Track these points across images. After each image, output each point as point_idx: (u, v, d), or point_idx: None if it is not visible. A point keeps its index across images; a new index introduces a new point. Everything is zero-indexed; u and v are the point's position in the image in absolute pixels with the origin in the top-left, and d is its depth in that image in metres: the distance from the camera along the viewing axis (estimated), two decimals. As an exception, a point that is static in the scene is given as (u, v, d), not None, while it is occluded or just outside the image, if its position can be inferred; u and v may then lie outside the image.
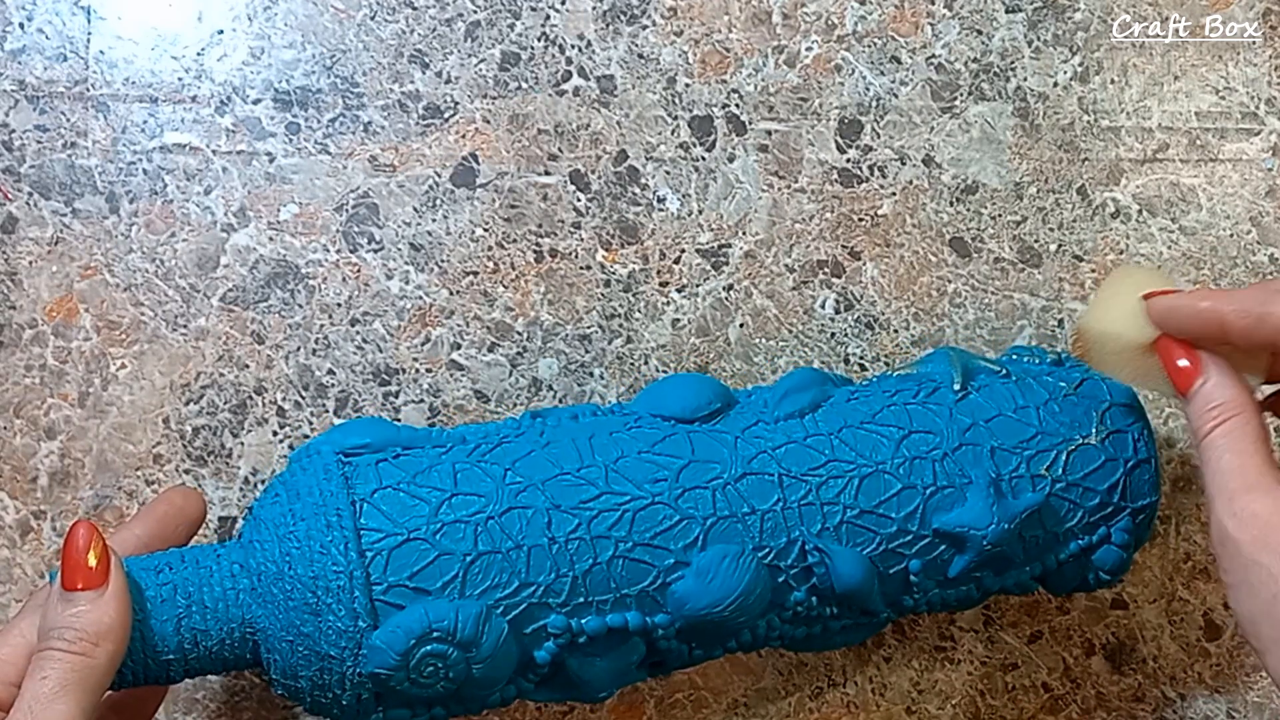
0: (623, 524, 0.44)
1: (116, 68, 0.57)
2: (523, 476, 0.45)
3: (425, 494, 0.44)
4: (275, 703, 0.56)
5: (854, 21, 0.59)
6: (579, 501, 0.44)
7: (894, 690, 0.57)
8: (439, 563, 0.43)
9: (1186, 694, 0.58)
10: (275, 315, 0.56)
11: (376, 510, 0.43)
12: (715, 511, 0.45)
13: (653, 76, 0.58)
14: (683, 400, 0.48)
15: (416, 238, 0.57)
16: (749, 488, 0.46)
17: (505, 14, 0.58)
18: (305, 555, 0.43)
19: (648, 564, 0.45)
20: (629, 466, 0.45)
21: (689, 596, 0.45)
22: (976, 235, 0.59)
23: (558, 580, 0.44)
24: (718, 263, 0.58)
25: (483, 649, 0.43)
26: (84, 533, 0.42)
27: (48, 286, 0.56)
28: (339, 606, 0.42)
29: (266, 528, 0.44)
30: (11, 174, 0.56)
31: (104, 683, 0.41)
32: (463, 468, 0.45)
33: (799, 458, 0.47)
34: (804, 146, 0.58)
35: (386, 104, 0.57)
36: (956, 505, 0.47)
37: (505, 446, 0.46)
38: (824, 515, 0.46)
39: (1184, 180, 0.59)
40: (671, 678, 0.57)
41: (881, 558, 0.47)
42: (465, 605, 0.43)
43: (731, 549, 0.45)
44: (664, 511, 0.45)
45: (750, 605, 0.46)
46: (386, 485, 0.44)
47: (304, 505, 0.44)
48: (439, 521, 0.43)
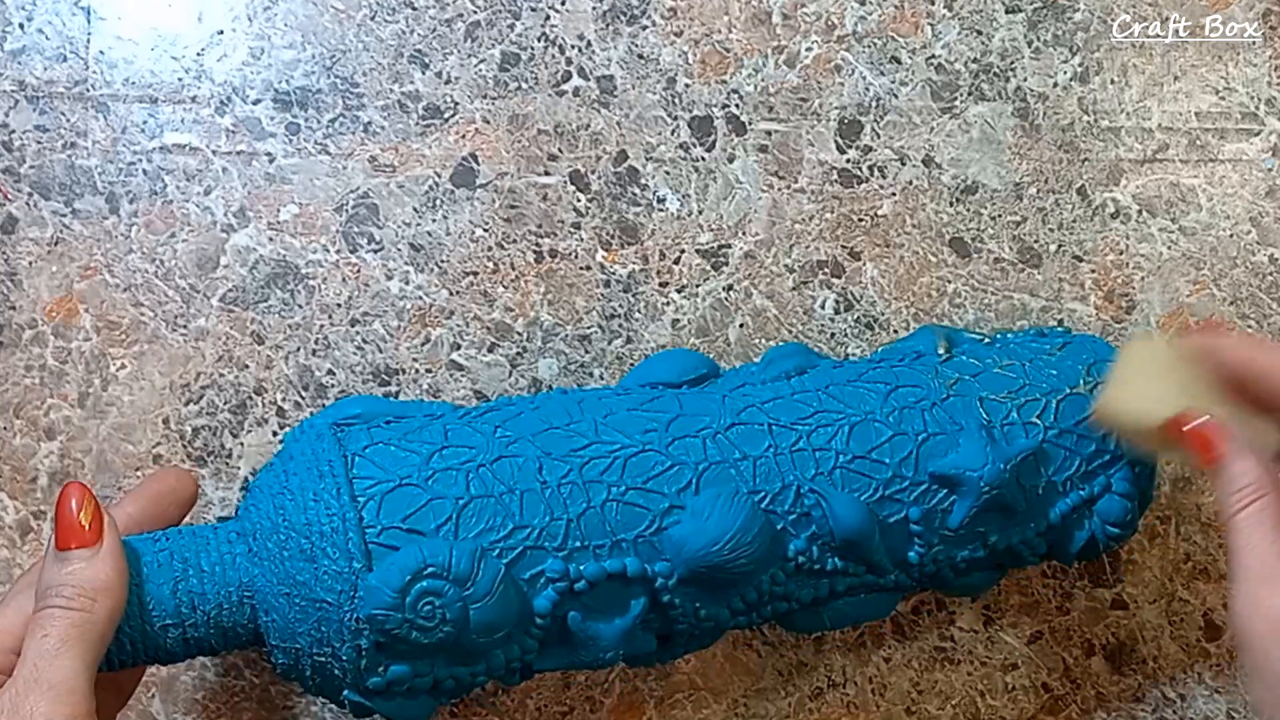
0: (614, 469, 0.45)
1: (116, 68, 0.57)
2: (513, 431, 0.46)
3: (416, 447, 0.45)
4: (275, 703, 0.56)
5: (854, 22, 0.59)
6: (570, 450, 0.45)
7: (894, 690, 0.57)
8: (431, 505, 0.43)
9: (1186, 694, 0.58)
10: (275, 315, 0.56)
11: (369, 462, 0.44)
12: (707, 457, 0.46)
13: (653, 77, 0.58)
14: (670, 368, 0.49)
15: (416, 238, 0.57)
16: (739, 436, 0.47)
17: (505, 14, 0.58)
18: (299, 504, 0.44)
19: (642, 508, 0.45)
20: (619, 420, 0.46)
21: (686, 538, 0.45)
22: (976, 236, 0.59)
23: (552, 523, 0.44)
24: (718, 263, 0.58)
25: (479, 586, 0.43)
26: (76, 493, 0.43)
27: (47, 287, 0.56)
28: (333, 550, 0.43)
29: (261, 491, 0.45)
30: (11, 174, 0.56)
31: (105, 638, 0.42)
32: (453, 427, 0.46)
33: (787, 409, 0.48)
34: (804, 147, 0.58)
35: (386, 104, 0.57)
36: (950, 451, 0.48)
37: (495, 412, 0.47)
38: (817, 461, 0.47)
39: (1184, 180, 0.59)
40: (671, 678, 0.57)
41: (879, 504, 0.47)
42: (459, 544, 0.43)
43: (725, 489, 0.46)
44: (655, 458, 0.45)
45: (749, 545, 0.45)
46: (378, 442, 0.45)
47: (297, 464, 0.45)
48: (430, 469, 0.44)
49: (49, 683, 0.40)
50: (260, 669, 0.56)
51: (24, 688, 0.40)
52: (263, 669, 0.56)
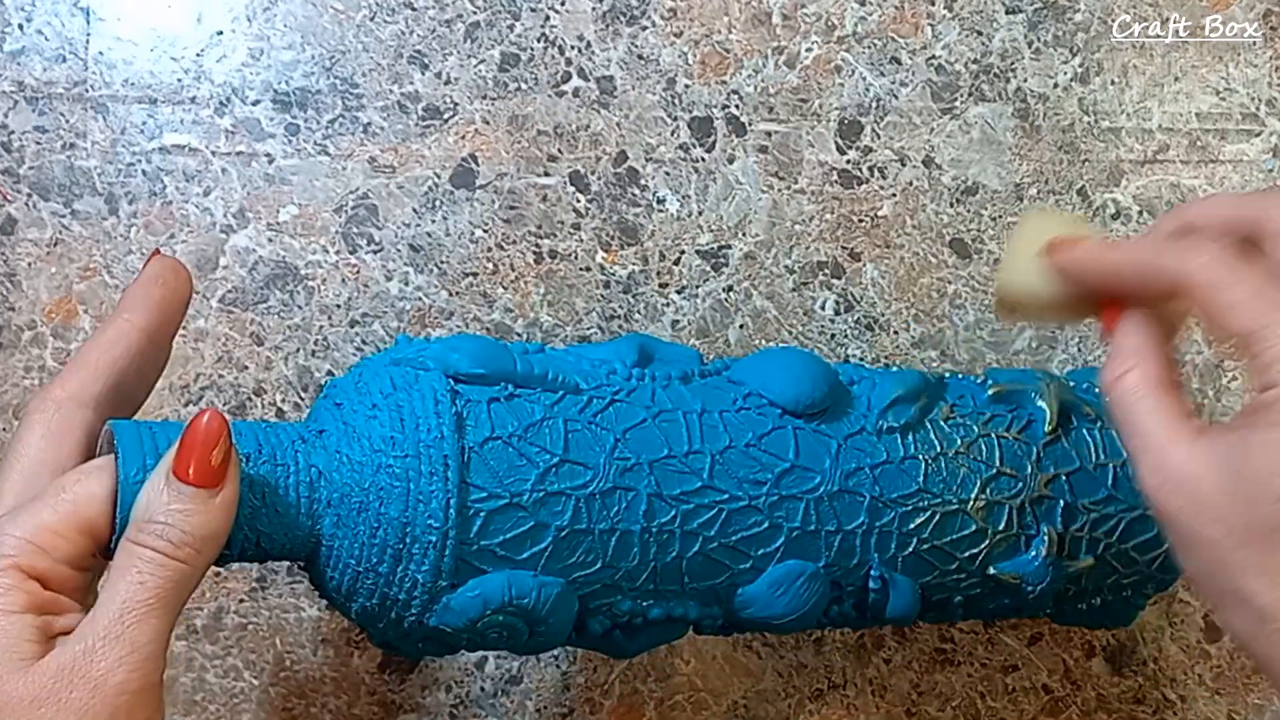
0: (714, 523, 0.44)
1: (116, 69, 0.57)
2: (632, 452, 0.43)
3: (534, 454, 0.42)
4: (275, 704, 0.56)
5: (854, 22, 0.59)
6: (680, 491, 0.43)
7: (894, 692, 0.57)
8: (533, 533, 0.41)
9: (1187, 696, 0.58)
10: (274, 316, 0.56)
11: (485, 465, 0.41)
12: (803, 525, 0.45)
13: (652, 77, 0.58)
14: (794, 388, 0.46)
15: (416, 239, 0.57)
16: (841, 506, 0.46)
17: (505, 15, 0.58)
18: (401, 496, 0.40)
19: (725, 565, 0.45)
20: (734, 460, 0.44)
21: (753, 602, 0.45)
22: (977, 236, 0.59)
23: (638, 567, 0.43)
24: (717, 264, 0.58)
25: (550, 625, 0.43)
26: (215, 425, 0.37)
27: (47, 288, 0.56)
28: (424, 560, 0.41)
29: (359, 445, 0.41)
30: (11, 175, 0.56)
31: (192, 592, 0.38)
32: (574, 428, 0.43)
33: (893, 481, 0.46)
34: (804, 147, 0.58)
35: (386, 105, 0.57)
36: (1017, 554, 0.48)
37: (618, 407, 0.44)
38: (898, 544, 0.46)
39: (1184, 181, 0.59)
40: (672, 679, 0.57)
41: (932, 589, 0.48)
42: (548, 583, 0.42)
43: (808, 568, 0.45)
44: (755, 517, 0.44)
45: (805, 619, 0.46)
46: (498, 435, 0.41)
47: (408, 438, 0.41)
48: (543, 490, 0.41)
49: (132, 643, 0.35)
50: (259, 670, 0.56)
51: (102, 643, 0.35)
52: (262, 670, 0.56)
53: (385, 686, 0.56)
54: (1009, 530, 0.47)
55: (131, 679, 0.35)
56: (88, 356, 0.41)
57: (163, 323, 0.43)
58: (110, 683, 0.35)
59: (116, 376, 0.41)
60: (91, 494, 0.37)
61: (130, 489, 0.37)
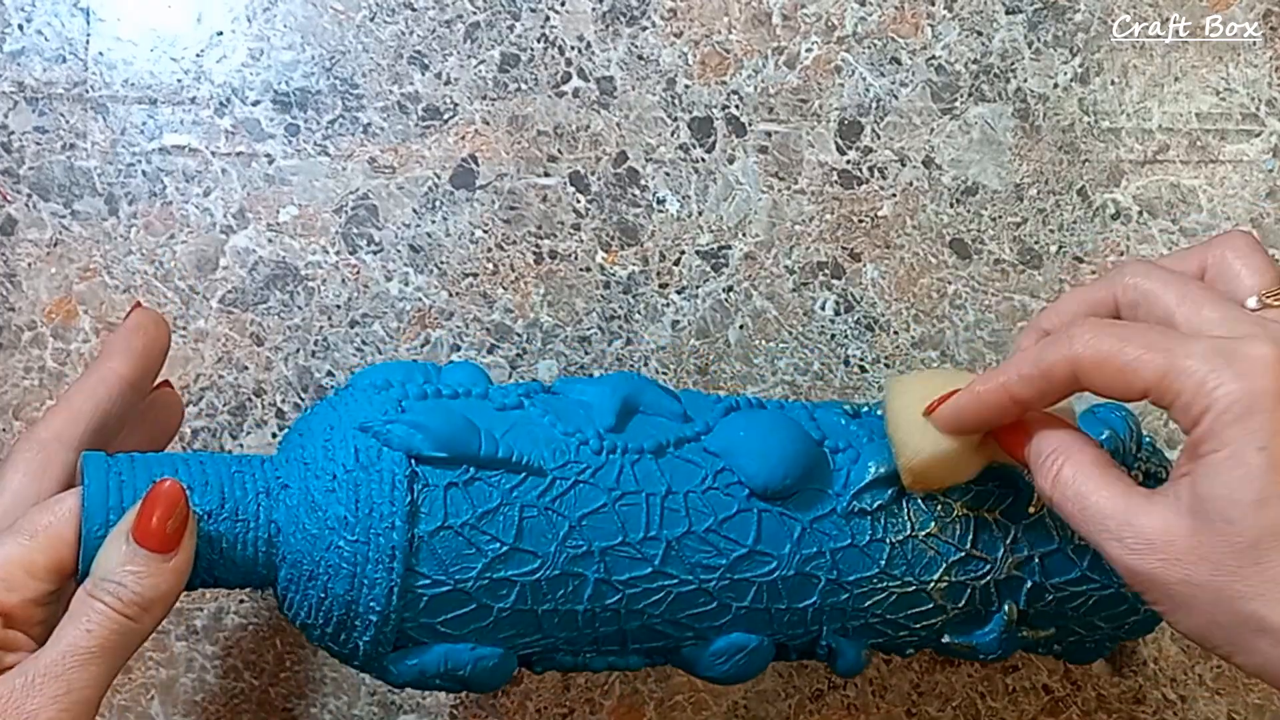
0: (661, 604, 0.44)
1: (115, 69, 0.57)
2: (584, 539, 0.43)
3: (484, 543, 0.42)
4: (274, 705, 0.56)
5: (854, 23, 0.59)
6: (629, 577, 0.44)
7: (894, 692, 0.57)
8: (475, 613, 0.43)
9: (1187, 696, 0.58)
10: (274, 317, 0.56)
11: (433, 555, 0.42)
12: (752, 604, 0.45)
13: (652, 78, 0.58)
14: (766, 473, 0.45)
15: (416, 239, 0.57)
16: (793, 587, 0.45)
17: (505, 15, 0.58)
18: (348, 577, 0.42)
19: (670, 635, 0.45)
20: (690, 546, 0.44)
21: (696, 664, 0.46)
22: (977, 237, 0.59)
23: (578, 636, 0.44)
24: (717, 264, 0.58)
25: (488, 684, 0.44)
26: (173, 494, 0.39)
27: (47, 288, 0.56)
28: (366, 632, 0.42)
29: (316, 516, 0.42)
30: (11, 176, 0.56)
31: (136, 648, 0.40)
32: (529, 514, 0.43)
33: (854, 564, 0.46)
34: (804, 148, 0.58)
35: (386, 105, 0.57)
36: (974, 626, 0.48)
37: (579, 489, 0.44)
38: (848, 617, 0.46)
39: (1184, 182, 0.59)
40: (671, 680, 0.57)
41: (883, 647, 0.48)
42: (485, 655, 0.43)
43: (751, 641, 0.46)
44: (704, 599, 0.45)
45: (747, 679, 0.47)
46: (449, 525, 0.42)
47: (360, 523, 0.41)
48: (488, 577, 0.42)
49: (69, 684, 0.38)
50: (259, 670, 0.56)
51: (41, 679, 0.37)
52: (262, 670, 0.56)
53: (385, 686, 0.56)
54: (968, 607, 0.47)
55: (61, 717, 0.37)
56: (71, 400, 0.44)
57: (143, 370, 0.45)
58: (41, 718, 0.37)
59: (99, 420, 0.44)
60: (62, 537, 0.40)
61: (93, 541, 0.40)
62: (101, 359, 0.45)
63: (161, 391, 0.48)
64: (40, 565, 0.39)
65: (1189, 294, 0.38)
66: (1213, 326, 0.37)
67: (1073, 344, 0.37)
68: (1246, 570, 0.34)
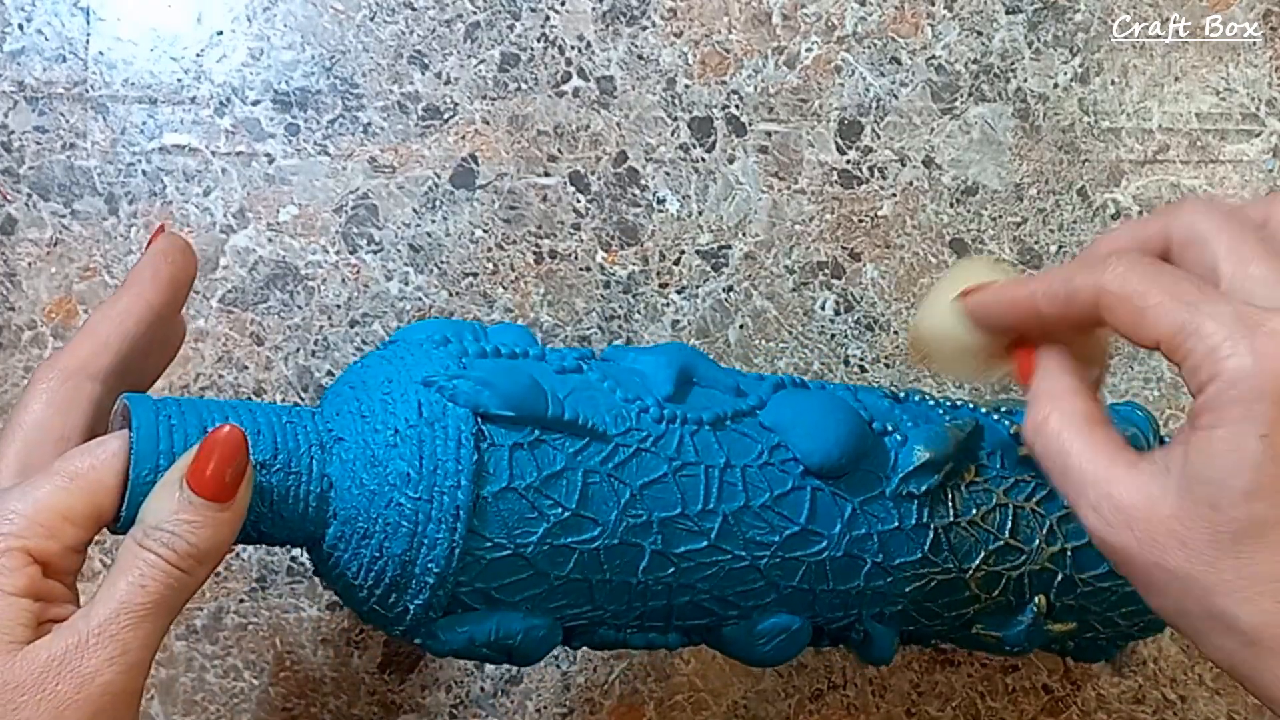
0: (711, 579, 0.44)
1: (116, 69, 0.57)
2: (645, 509, 0.42)
3: (547, 507, 0.41)
4: (275, 704, 0.56)
5: (854, 22, 0.59)
6: (685, 550, 0.43)
7: (894, 692, 0.57)
8: (531, 580, 0.42)
9: (1187, 696, 0.58)
10: (274, 316, 0.56)
11: (496, 516, 0.41)
12: (799, 584, 0.45)
13: (652, 77, 0.58)
14: (822, 450, 0.45)
15: (416, 239, 0.57)
16: (840, 568, 0.45)
17: (505, 15, 0.58)
18: (408, 535, 0.40)
19: (714, 612, 0.45)
20: (745, 522, 0.44)
21: (734, 643, 0.46)
22: (977, 237, 0.59)
23: (628, 609, 0.44)
24: (717, 264, 0.58)
25: (532, 655, 0.43)
26: (234, 440, 0.37)
27: (47, 288, 0.56)
28: (419, 595, 0.41)
29: (375, 472, 0.40)
30: (11, 175, 0.56)
31: (185, 604, 0.37)
32: (593, 480, 0.42)
33: (899, 548, 0.46)
34: (804, 148, 0.58)
35: (386, 105, 0.57)
36: (1005, 616, 0.48)
37: (641, 458, 0.43)
38: (887, 602, 0.46)
39: (1184, 182, 0.59)
40: (671, 679, 0.57)
41: (910, 634, 0.48)
42: (535, 625, 0.42)
43: (794, 623, 0.45)
44: (753, 575, 0.44)
45: (784, 661, 0.47)
46: (514, 487, 0.41)
47: (424, 480, 0.40)
48: (549, 544, 0.41)
49: (124, 645, 0.35)
50: (259, 670, 0.56)
51: (95, 640, 0.35)
52: (262, 670, 0.56)
53: (385, 686, 0.56)
54: (1002, 596, 0.47)
55: (117, 680, 0.35)
56: (97, 328, 0.41)
57: (171, 298, 0.42)
58: (97, 681, 0.35)
59: (125, 350, 0.41)
60: (104, 483, 0.37)
61: (141, 487, 0.37)
62: (128, 286, 0.42)
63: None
64: (80, 511, 0.36)
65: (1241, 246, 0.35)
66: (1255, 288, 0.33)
67: (1104, 273, 0.35)
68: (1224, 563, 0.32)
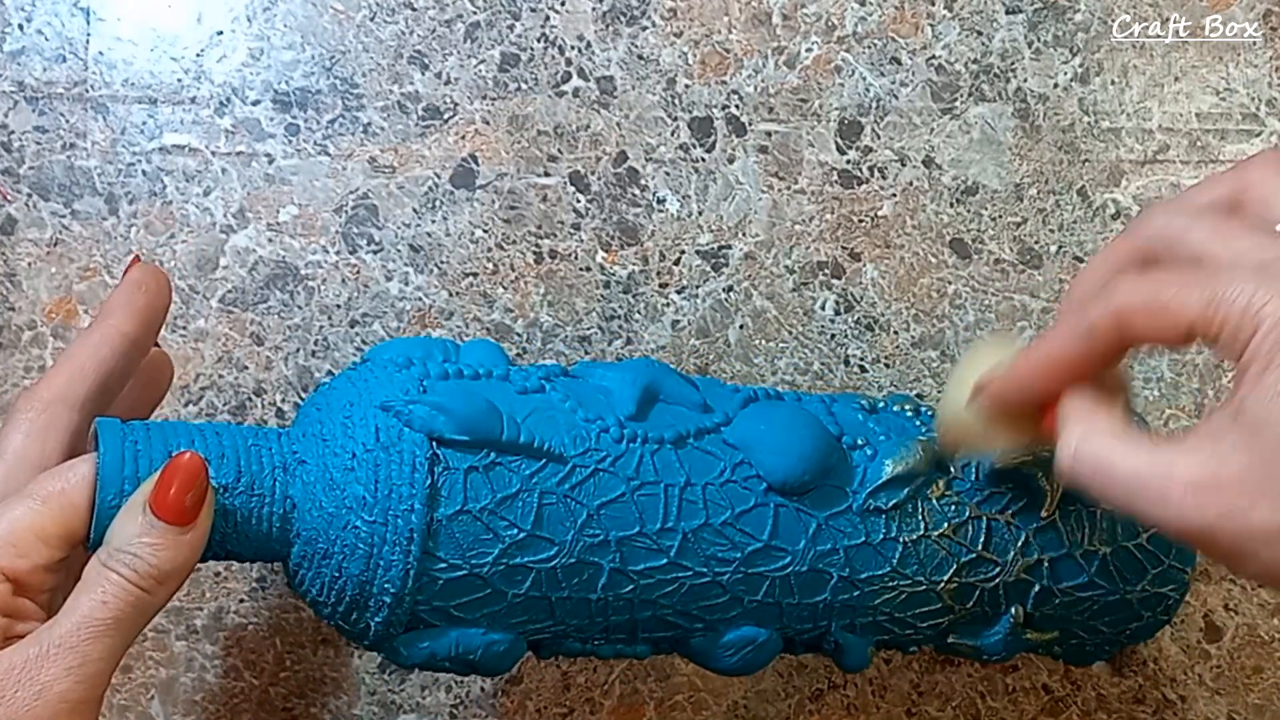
0: (673, 595, 0.44)
1: (116, 69, 0.57)
2: (602, 528, 0.43)
3: (502, 529, 0.42)
4: (275, 704, 0.56)
5: (854, 22, 0.59)
6: (644, 567, 0.43)
7: (894, 692, 0.57)
8: (489, 598, 0.42)
9: (1187, 696, 0.58)
10: (274, 317, 0.56)
11: (451, 538, 0.41)
12: (764, 598, 0.45)
13: (652, 77, 0.58)
14: (785, 468, 0.45)
15: (416, 239, 0.57)
16: (805, 583, 0.45)
17: (505, 15, 0.58)
18: (364, 557, 0.41)
19: (679, 625, 0.45)
20: (705, 539, 0.44)
21: (702, 654, 0.46)
22: (977, 237, 0.59)
23: (590, 624, 0.44)
24: (717, 264, 0.58)
25: (497, 668, 0.44)
26: (193, 467, 0.38)
27: (47, 288, 0.56)
28: (378, 613, 0.42)
29: (333, 495, 0.41)
30: (11, 175, 0.56)
31: (149, 621, 0.39)
32: (548, 501, 0.43)
33: (866, 562, 0.46)
34: (804, 148, 0.58)
35: (386, 105, 0.57)
36: (980, 627, 0.48)
37: (599, 478, 0.43)
38: (857, 614, 0.46)
39: (1184, 182, 0.59)
40: (671, 679, 0.57)
41: (888, 644, 0.48)
42: (496, 640, 0.43)
43: (760, 635, 0.46)
44: (716, 591, 0.45)
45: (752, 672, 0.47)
46: (468, 509, 0.42)
47: (378, 503, 0.41)
48: (504, 564, 0.42)
49: (83, 656, 0.37)
50: (259, 670, 0.56)
51: (56, 650, 0.37)
52: (262, 670, 0.56)
53: (385, 686, 0.56)
54: (976, 608, 0.47)
55: (75, 690, 0.36)
56: (74, 359, 0.42)
57: (146, 328, 0.44)
58: (54, 690, 0.36)
59: (102, 379, 0.42)
60: (74, 504, 0.39)
61: (107, 510, 0.39)
62: (103, 316, 0.43)
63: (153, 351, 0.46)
64: (51, 531, 0.38)
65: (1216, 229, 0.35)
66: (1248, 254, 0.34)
67: (1112, 298, 0.36)
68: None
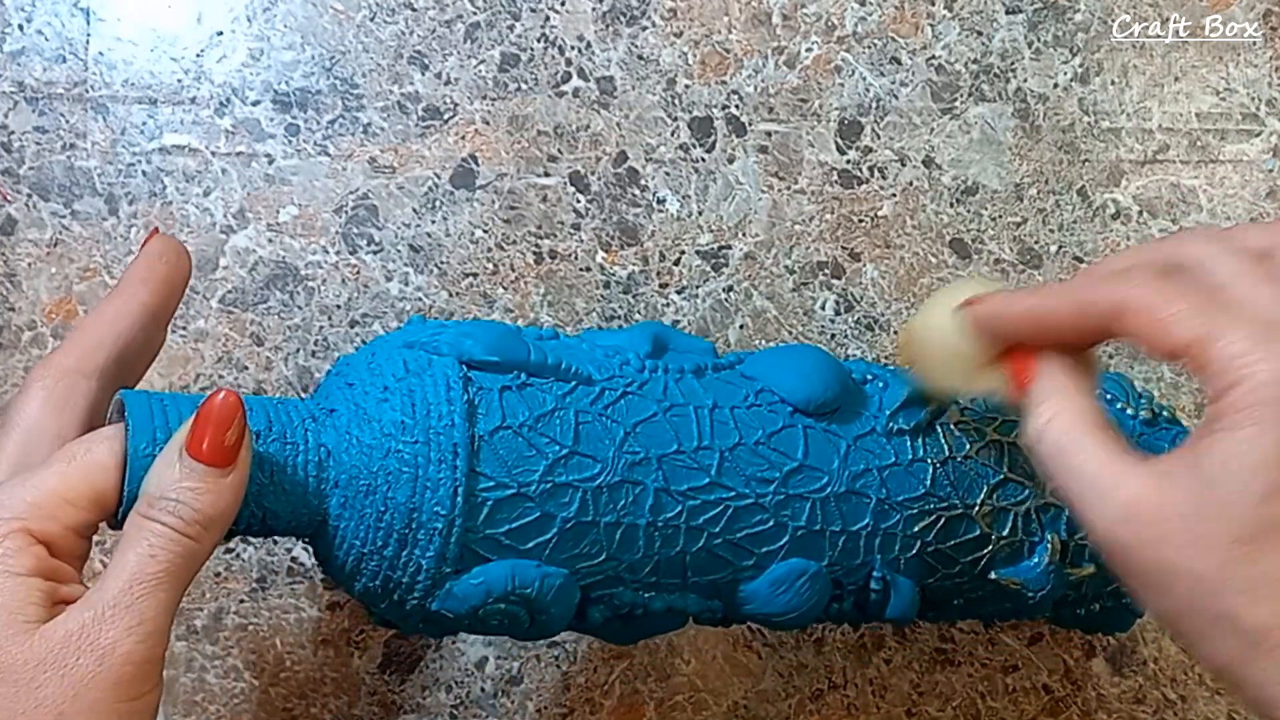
0: (720, 520, 0.44)
1: (116, 69, 0.57)
2: (641, 446, 0.43)
3: (544, 445, 0.42)
4: (275, 704, 0.56)
5: (854, 22, 0.59)
6: (688, 488, 0.43)
7: (894, 692, 0.57)
8: (539, 523, 0.41)
9: (1187, 696, 0.58)
10: (274, 317, 0.56)
11: (494, 454, 0.41)
12: (808, 525, 0.45)
13: (652, 78, 0.58)
14: (806, 387, 0.46)
15: (416, 239, 0.57)
16: (847, 507, 0.45)
17: (505, 15, 0.58)
18: (409, 481, 0.40)
19: (728, 561, 0.45)
20: (742, 458, 0.44)
21: (753, 599, 0.45)
22: (977, 237, 0.59)
23: (642, 559, 0.43)
24: (717, 264, 0.58)
25: (552, 614, 0.43)
26: (230, 404, 0.37)
27: (47, 288, 0.56)
28: (430, 546, 0.41)
29: (370, 428, 0.41)
30: (11, 175, 0.56)
31: (197, 572, 0.37)
32: (585, 420, 0.43)
33: (900, 484, 0.46)
34: (804, 148, 0.58)
35: (386, 105, 0.57)
36: (1020, 560, 0.48)
37: (629, 400, 0.44)
38: (901, 546, 0.46)
39: (1184, 181, 0.59)
40: (672, 679, 0.57)
41: (932, 590, 0.48)
42: (551, 574, 0.42)
43: (810, 567, 0.45)
44: (761, 515, 0.44)
45: (803, 617, 0.46)
46: (508, 425, 0.41)
47: (418, 424, 0.40)
48: (550, 481, 0.41)
49: (140, 614, 0.35)
50: (259, 670, 0.56)
51: (111, 611, 0.35)
52: (262, 670, 0.56)
53: (385, 687, 0.56)
54: (1013, 536, 0.47)
55: (137, 650, 0.35)
56: (92, 328, 0.41)
57: (165, 299, 0.43)
58: (117, 652, 0.35)
59: (120, 349, 0.41)
60: (101, 463, 0.37)
61: (140, 462, 0.38)
62: (122, 286, 0.42)
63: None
64: (79, 491, 0.37)
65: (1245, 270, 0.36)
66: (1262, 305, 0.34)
67: (1127, 285, 0.36)
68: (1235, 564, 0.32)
